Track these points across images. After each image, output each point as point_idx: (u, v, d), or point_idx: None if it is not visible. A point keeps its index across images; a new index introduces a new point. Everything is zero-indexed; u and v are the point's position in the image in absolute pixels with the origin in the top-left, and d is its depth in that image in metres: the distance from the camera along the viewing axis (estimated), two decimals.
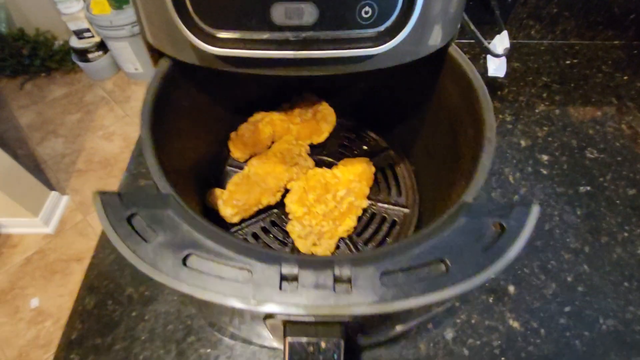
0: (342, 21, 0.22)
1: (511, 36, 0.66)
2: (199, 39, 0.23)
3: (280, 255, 0.19)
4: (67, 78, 2.03)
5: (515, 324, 0.37)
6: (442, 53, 0.30)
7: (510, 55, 0.64)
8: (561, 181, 0.48)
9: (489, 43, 0.56)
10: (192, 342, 0.36)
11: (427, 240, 0.20)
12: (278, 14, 0.22)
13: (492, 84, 0.59)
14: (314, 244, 0.35)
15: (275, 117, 0.41)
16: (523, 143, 0.52)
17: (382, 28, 0.23)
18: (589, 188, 0.47)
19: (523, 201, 0.45)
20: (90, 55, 1.95)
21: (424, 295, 0.19)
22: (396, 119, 0.44)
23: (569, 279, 0.40)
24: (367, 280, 0.19)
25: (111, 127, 1.76)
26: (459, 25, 0.29)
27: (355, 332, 0.26)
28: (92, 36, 1.93)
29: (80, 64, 1.98)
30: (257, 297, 0.18)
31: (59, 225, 1.44)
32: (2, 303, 1.24)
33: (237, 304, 0.18)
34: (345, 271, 0.19)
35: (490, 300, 0.38)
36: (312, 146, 0.44)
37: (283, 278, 0.19)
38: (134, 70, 1.96)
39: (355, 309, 0.18)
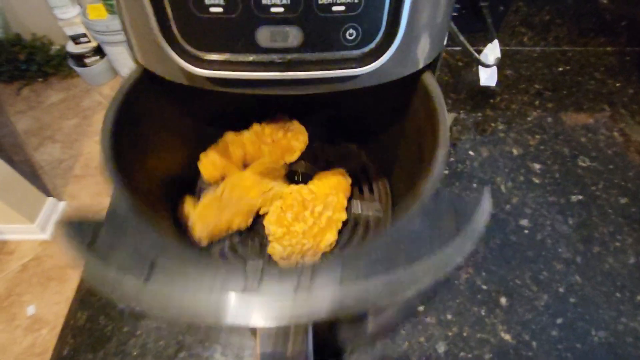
0: (327, 43, 0.22)
1: (504, 43, 0.67)
2: (185, 61, 0.23)
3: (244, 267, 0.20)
4: (64, 83, 2.03)
5: (507, 337, 0.37)
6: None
7: (502, 62, 0.64)
8: (553, 190, 0.48)
9: (481, 51, 0.56)
10: (184, 358, 0.36)
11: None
12: (264, 37, 0.22)
13: (485, 91, 0.59)
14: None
15: (246, 138, 0.40)
16: (515, 152, 0.52)
17: (366, 49, 0.23)
18: (581, 197, 0.47)
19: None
20: (87, 60, 1.95)
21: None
22: (368, 130, 0.43)
23: (561, 290, 0.40)
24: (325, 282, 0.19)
25: None
26: (444, 43, 0.29)
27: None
28: (89, 41, 1.93)
29: (77, 69, 1.98)
30: (220, 308, 0.18)
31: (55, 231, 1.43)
32: None
33: (198, 318, 0.18)
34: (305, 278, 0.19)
35: (482, 312, 0.38)
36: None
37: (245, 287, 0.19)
38: None
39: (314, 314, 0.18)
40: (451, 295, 0.39)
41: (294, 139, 0.40)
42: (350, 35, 0.22)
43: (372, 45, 0.23)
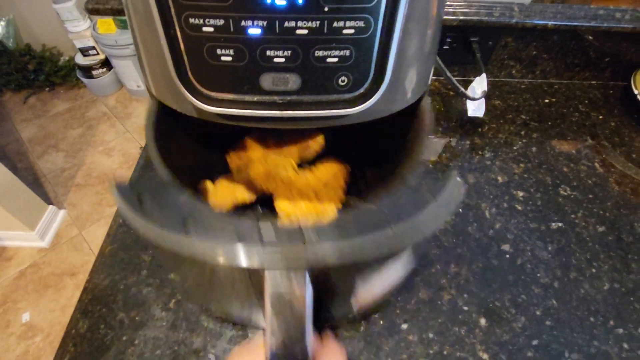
0: (322, 88, 0.26)
1: (493, 75, 0.71)
2: (196, 99, 0.26)
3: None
4: (70, 93, 2.07)
5: (485, 356, 0.39)
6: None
7: (491, 93, 0.68)
8: (535, 217, 0.51)
9: (471, 82, 0.60)
10: None
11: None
12: (266, 82, 0.25)
13: (474, 120, 0.63)
14: None
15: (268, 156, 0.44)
16: (500, 179, 0.55)
17: (357, 93, 0.26)
18: (560, 224, 0.50)
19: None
20: (94, 72, 2.01)
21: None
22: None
23: (538, 312, 0.42)
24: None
25: (112, 143, 1.80)
26: (429, 81, 0.32)
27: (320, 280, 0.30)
28: (97, 54, 1.99)
29: (84, 80, 2.03)
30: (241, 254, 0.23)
31: (54, 239, 1.45)
32: None
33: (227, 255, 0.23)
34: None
35: (463, 332, 0.40)
36: None
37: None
38: (136, 88, 2.00)
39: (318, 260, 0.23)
40: (434, 314, 0.41)
41: (311, 139, 0.44)
42: (342, 81, 0.25)
43: (362, 89, 0.26)
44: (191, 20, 0.22)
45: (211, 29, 0.22)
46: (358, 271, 0.31)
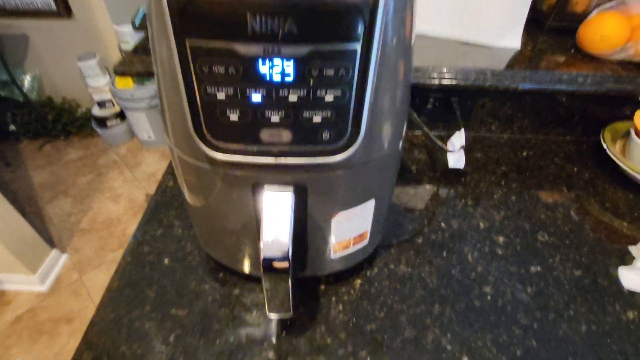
0: (309, 140, 0.31)
1: (474, 130, 0.78)
2: (207, 147, 0.31)
3: None
4: (84, 142, 2.19)
5: None
6: None
7: (473, 146, 0.74)
8: (514, 261, 0.54)
9: (450, 136, 0.66)
10: None
11: None
12: (265, 135, 0.31)
13: (458, 171, 0.68)
14: None
15: None
16: (482, 225, 0.59)
17: (339, 144, 0.32)
18: (539, 268, 0.53)
19: None
20: (108, 123, 2.14)
21: None
22: None
23: (518, 352, 0.44)
24: None
25: (119, 190, 1.86)
26: (403, 134, 0.38)
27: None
28: (113, 106, 2.13)
29: (99, 130, 2.16)
30: None
31: (54, 283, 1.46)
32: None
33: None
34: None
35: None
36: None
37: None
38: (147, 138, 2.12)
39: None
40: (418, 353, 0.43)
41: None
42: (326, 136, 0.31)
43: (342, 142, 0.32)
44: (208, 89, 0.28)
45: (223, 96, 0.28)
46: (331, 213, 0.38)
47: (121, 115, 2.16)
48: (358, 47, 0.27)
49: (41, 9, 1.97)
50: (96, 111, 2.14)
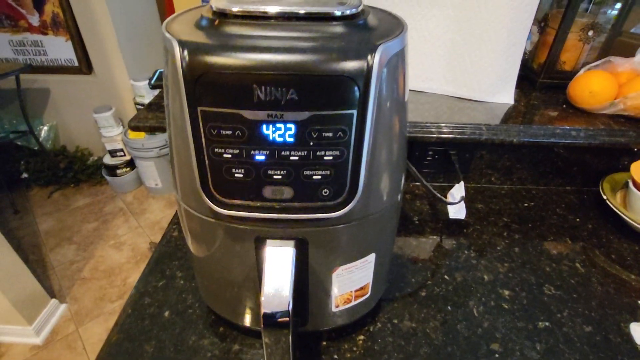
0: (310, 197, 0.33)
1: (475, 181, 0.79)
2: (214, 204, 0.33)
3: None
4: (92, 189, 2.23)
5: None
6: None
7: (474, 197, 0.75)
8: (521, 316, 0.52)
9: (451, 187, 0.67)
10: None
11: None
12: (267, 192, 0.32)
13: (459, 222, 0.69)
14: None
15: None
16: (486, 277, 0.58)
17: (338, 200, 0.33)
18: (547, 324, 0.52)
19: None
20: (118, 171, 2.19)
21: None
22: None
23: None
24: None
25: (123, 237, 1.87)
26: (401, 188, 0.39)
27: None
28: (124, 155, 2.20)
29: (108, 177, 2.21)
30: None
31: (49, 335, 1.41)
32: None
33: None
34: None
35: None
36: None
37: None
38: (154, 185, 2.16)
39: None
40: None
41: None
42: (325, 192, 0.32)
43: (340, 198, 0.33)
44: (216, 149, 0.30)
45: (229, 156, 0.30)
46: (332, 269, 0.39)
47: (131, 164, 2.22)
48: (354, 111, 0.29)
49: (64, 65, 2.12)
50: (107, 159, 2.21)
